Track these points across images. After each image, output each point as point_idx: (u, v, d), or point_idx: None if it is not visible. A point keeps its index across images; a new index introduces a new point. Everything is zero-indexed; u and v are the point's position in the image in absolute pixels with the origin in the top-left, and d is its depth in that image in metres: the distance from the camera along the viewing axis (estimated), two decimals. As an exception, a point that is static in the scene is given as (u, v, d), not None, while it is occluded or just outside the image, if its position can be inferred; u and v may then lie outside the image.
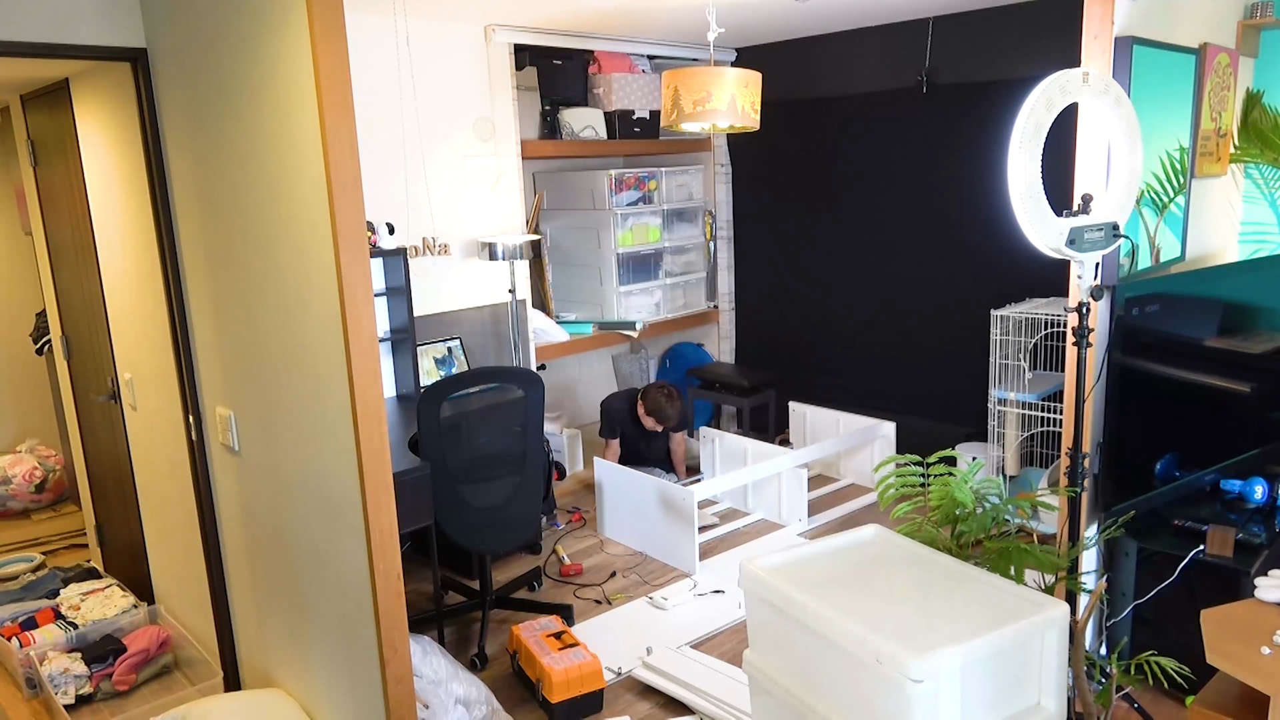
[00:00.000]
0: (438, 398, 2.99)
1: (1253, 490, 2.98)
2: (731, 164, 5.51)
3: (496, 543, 3.28)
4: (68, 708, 3.06)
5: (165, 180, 2.73)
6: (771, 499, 4.34)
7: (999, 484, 2.29)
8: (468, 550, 3.62)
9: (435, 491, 3.04)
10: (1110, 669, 2.32)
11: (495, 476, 3.20)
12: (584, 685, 2.88)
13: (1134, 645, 2.86)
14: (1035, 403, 3.95)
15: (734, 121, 2.82)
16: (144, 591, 3.66)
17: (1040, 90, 2.09)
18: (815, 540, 2.17)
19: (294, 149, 2.05)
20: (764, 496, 4.38)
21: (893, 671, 1.63)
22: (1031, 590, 1.87)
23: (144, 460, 3.38)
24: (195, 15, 2.33)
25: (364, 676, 2.29)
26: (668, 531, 3.93)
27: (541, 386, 3.18)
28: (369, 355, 2.04)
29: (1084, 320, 2.34)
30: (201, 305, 2.70)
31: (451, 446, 3.07)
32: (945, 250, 4.63)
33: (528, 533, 3.36)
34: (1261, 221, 3.74)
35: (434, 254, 4.12)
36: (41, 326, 4.76)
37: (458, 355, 4.23)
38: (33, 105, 3.70)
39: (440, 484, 3.05)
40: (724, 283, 5.64)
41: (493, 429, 3.17)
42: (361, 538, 2.13)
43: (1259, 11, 3.41)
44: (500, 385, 3.14)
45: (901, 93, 4.64)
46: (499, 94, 4.26)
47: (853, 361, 5.14)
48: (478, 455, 3.15)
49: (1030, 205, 2.10)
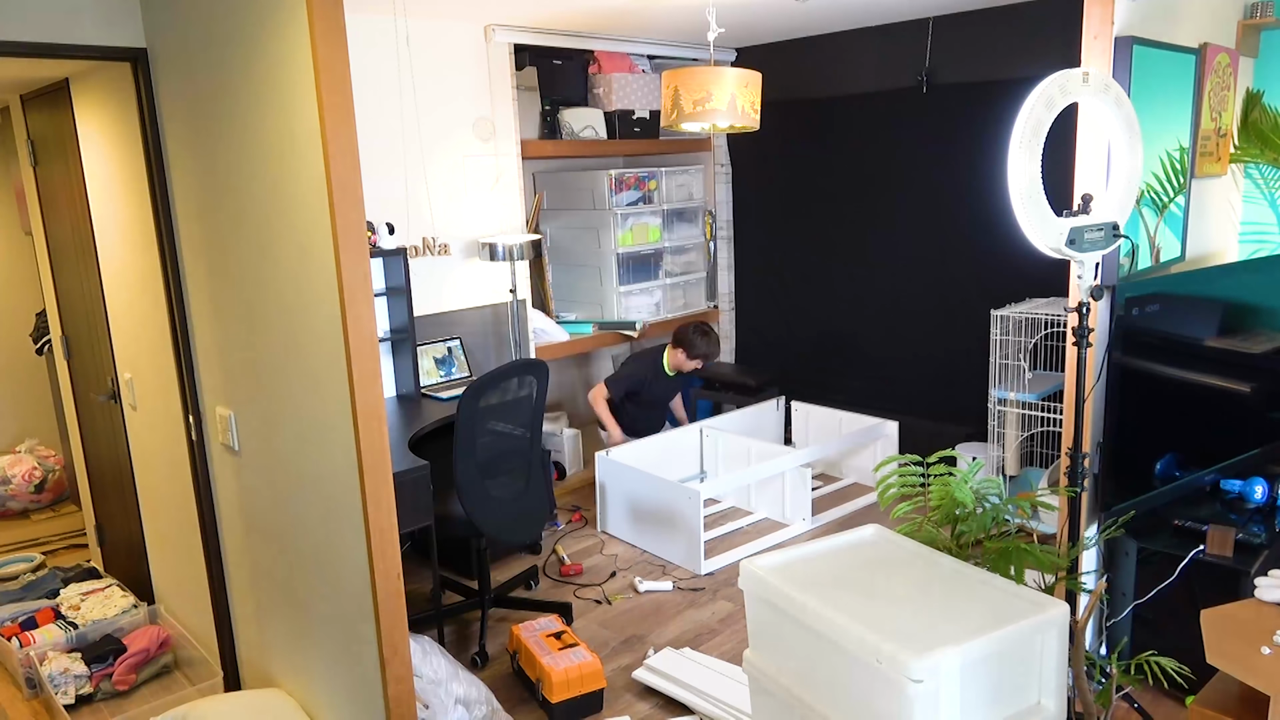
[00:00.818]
0: (478, 394, 3.02)
1: (1253, 490, 2.98)
2: (731, 164, 5.51)
3: (524, 532, 3.36)
4: (68, 708, 3.06)
5: (165, 180, 2.73)
6: (774, 498, 4.34)
7: (999, 484, 2.29)
8: (502, 543, 3.77)
9: (466, 488, 3.07)
10: (1110, 669, 2.32)
11: (515, 468, 3.27)
12: (584, 685, 2.88)
13: (1134, 645, 2.86)
14: (1035, 403, 3.95)
15: (734, 121, 2.82)
16: (144, 591, 3.66)
17: (1040, 90, 2.09)
18: (815, 540, 2.17)
19: (294, 149, 2.05)
20: (767, 495, 4.38)
21: (893, 671, 1.63)
22: (1031, 590, 1.87)
23: (144, 460, 3.38)
24: (195, 15, 2.33)
25: (364, 676, 2.29)
26: (672, 529, 3.93)
27: (547, 374, 3.28)
28: (369, 355, 2.04)
29: (1084, 320, 2.34)
30: (201, 305, 2.70)
31: (482, 442, 3.14)
32: (945, 250, 4.63)
33: (545, 520, 3.46)
34: (1261, 221, 3.74)
35: (434, 254, 4.12)
36: (41, 326, 4.76)
37: (458, 355, 4.23)
38: (33, 105, 3.70)
39: (470, 480, 3.08)
40: (724, 283, 5.64)
41: (512, 421, 3.21)
42: (361, 538, 2.13)
43: (1259, 11, 3.41)
44: (519, 378, 3.18)
45: (901, 93, 4.63)
46: (499, 94, 4.26)
47: (853, 361, 5.14)
48: (502, 449, 3.20)
49: (1030, 205, 2.10)
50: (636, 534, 4.14)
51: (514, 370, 3.13)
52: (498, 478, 3.20)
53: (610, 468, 4.24)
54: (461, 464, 3.04)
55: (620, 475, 4.19)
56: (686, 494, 3.82)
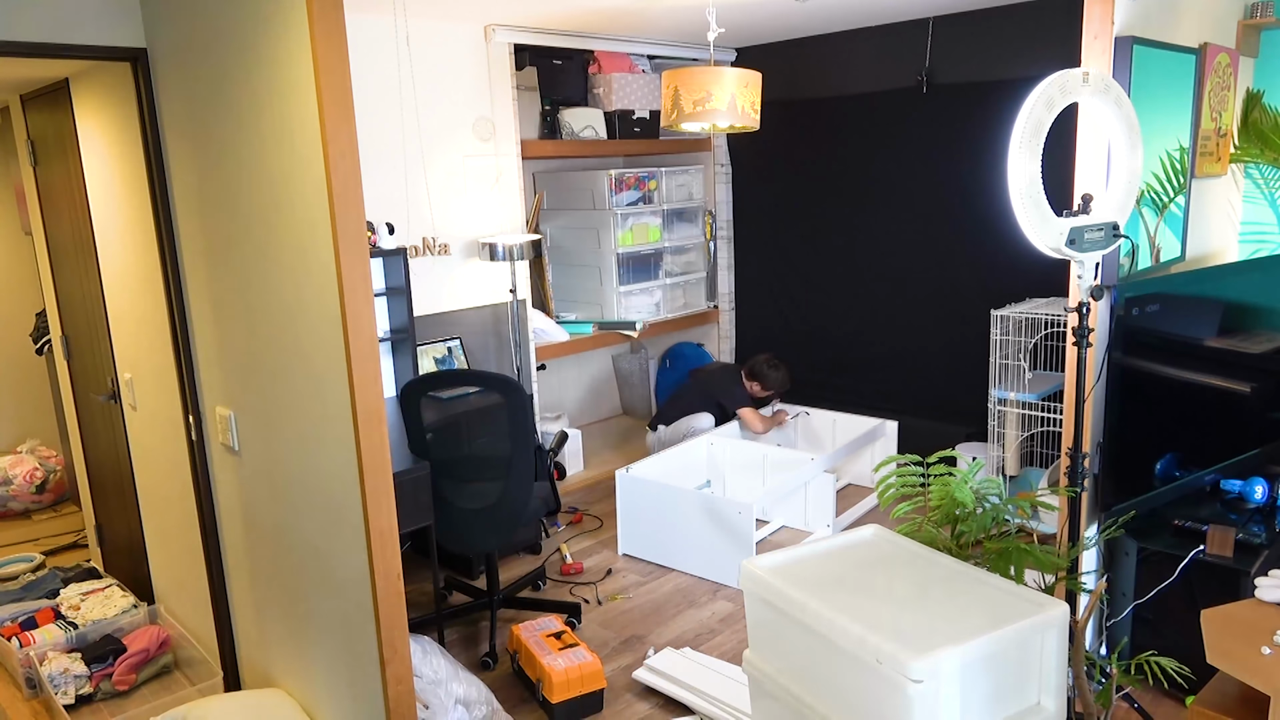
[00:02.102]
0: (417, 393, 3.07)
1: (1253, 490, 2.98)
2: (731, 164, 5.51)
3: (476, 543, 3.25)
4: (68, 708, 3.06)
5: (165, 180, 2.73)
6: (793, 506, 4.21)
7: (999, 484, 2.29)
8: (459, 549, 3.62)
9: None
10: (1110, 669, 2.32)
11: (477, 478, 3.16)
12: (584, 685, 2.88)
13: (1134, 645, 2.86)
14: (1035, 403, 3.95)
15: (734, 121, 2.82)
16: (144, 591, 3.66)
17: (1040, 90, 2.09)
18: (815, 540, 2.17)
19: (294, 149, 2.05)
20: (784, 503, 4.24)
21: (893, 672, 1.63)
22: (1031, 590, 1.87)
23: (144, 460, 3.38)
24: (195, 15, 2.33)
25: (364, 676, 2.29)
26: (715, 548, 3.72)
27: (522, 393, 3.03)
28: (369, 355, 2.04)
29: (1084, 320, 2.34)
30: (201, 305, 2.70)
31: (435, 443, 3.13)
32: (945, 250, 4.63)
33: (509, 537, 3.27)
34: (1261, 221, 3.74)
35: (434, 254, 4.12)
36: (41, 326, 4.76)
37: (458, 355, 4.23)
38: (33, 105, 3.70)
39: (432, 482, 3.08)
40: (724, 283, 5.64)
41: (473, 431, 3.16)
42: (361, 538, 2.13)
43: (1259, 11, 3.41)
44: (482, 390, 3.14)
45: (901, 93, 4.63)
46: (499, 94, 4.26)
47: (853, 361, 5.14)
48: (459, 455, 3.15)
49: (1030, 205, 2.10)
50: (667, 554, 3.93)
51: (456, 379, 3.20)
52: (457, 484, 3.14)
53: (631, 484, 3.98)
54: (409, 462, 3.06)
55: (645, 490, 3.95)
56: (736, 508, 3.62)
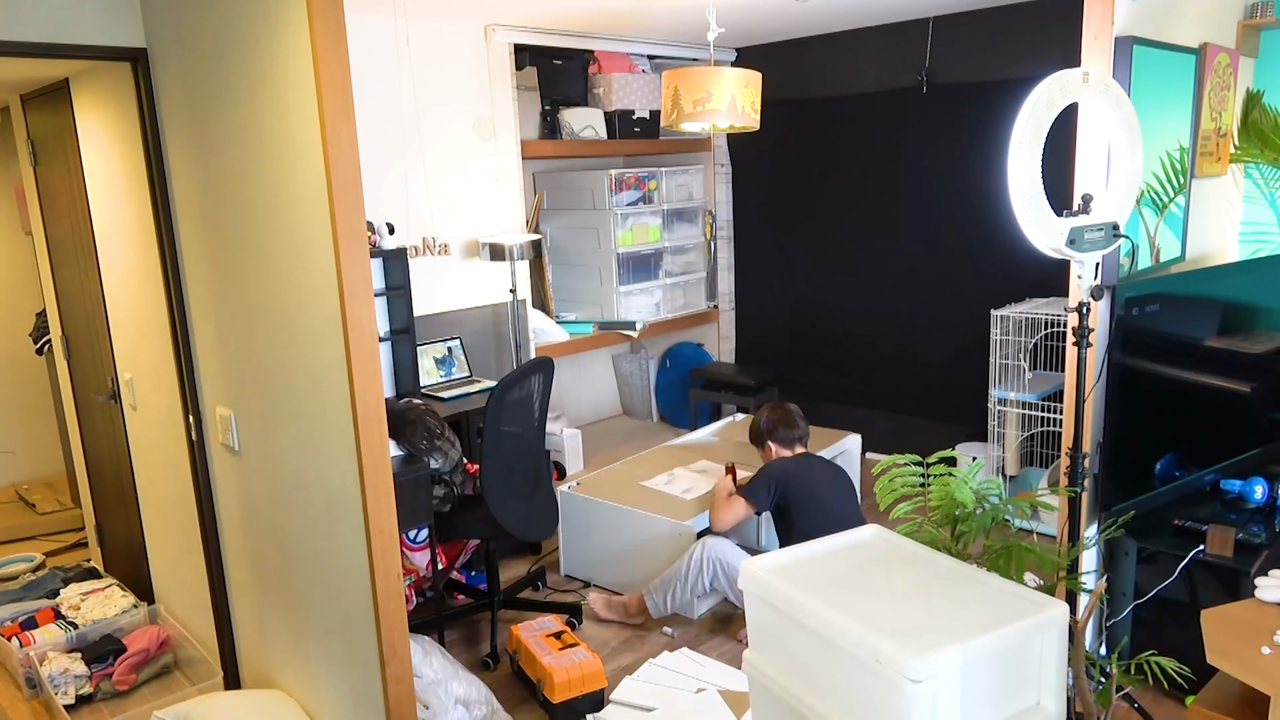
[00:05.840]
0: (506, 390, 3.04)
1: (1253, 490, 2.98)
2: (731, 164, 5.51)
3: (546, 528, 3.38)
4: (68, 708, 3.05)
5: (165, 180, 2.72)
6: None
7: (999, 484, 2.29)
8: (528, 540, 3.82)
9: (492, 487, 3.08)
10: (1110, 669, 2.32)
11: (527, 465, 3.27)
12: (585, 685, 2.88)
13: (1134, 645, 2.86)
14: (1035, 403, 3.95)
15: (734, 121, 2.81)
16: (144, 591, 3.65)
17: (1040, 90, 2.09)
18: (815, 540, 2.17)
19: (294, 149, 2.05)
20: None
21: (892, 671, 1.63)
22: (1031, 590, 1.87)
23: (144, 460, 3.38)
24: (195, 15, 2.33)
25: (364, 676, 2.29)
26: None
27: (553, 369, 3.31)
28: (369, 355, 2.03)
29: (1084, 320, 2.34)
30: (201, 305, 2.70)
31: (505, 440, 3.15)
32: (945, 250, 4.63)
33: (557, 517, 3.49)
34: (1261, 221, 3.74)
35: (434, 254, 4.12)
36: (41, 326, 4.75)
37: (458, 355, 4.23)
38: (33, 105, 3.70)
39: (496, 478, 3.09)
40: (724, 283, 5.64)
41: (523, 419, 3.22)
42: (361, 538, 2.13)
43: (1259, 11, 3.41)
44: (529, 376, 3.18)
45: (901, 93, 4.63)
46: (499, 94, 4.26)
47: (853, 361, 5.14)
48: (519, 448, 3.22)
49: (1030, 205, 2.10)
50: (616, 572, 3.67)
51: (533, 369, 3.16)
52: (513, 477, 3.20)
53: (577, 502, 3.69)
54: (488, 461, 3.06)
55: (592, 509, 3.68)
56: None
